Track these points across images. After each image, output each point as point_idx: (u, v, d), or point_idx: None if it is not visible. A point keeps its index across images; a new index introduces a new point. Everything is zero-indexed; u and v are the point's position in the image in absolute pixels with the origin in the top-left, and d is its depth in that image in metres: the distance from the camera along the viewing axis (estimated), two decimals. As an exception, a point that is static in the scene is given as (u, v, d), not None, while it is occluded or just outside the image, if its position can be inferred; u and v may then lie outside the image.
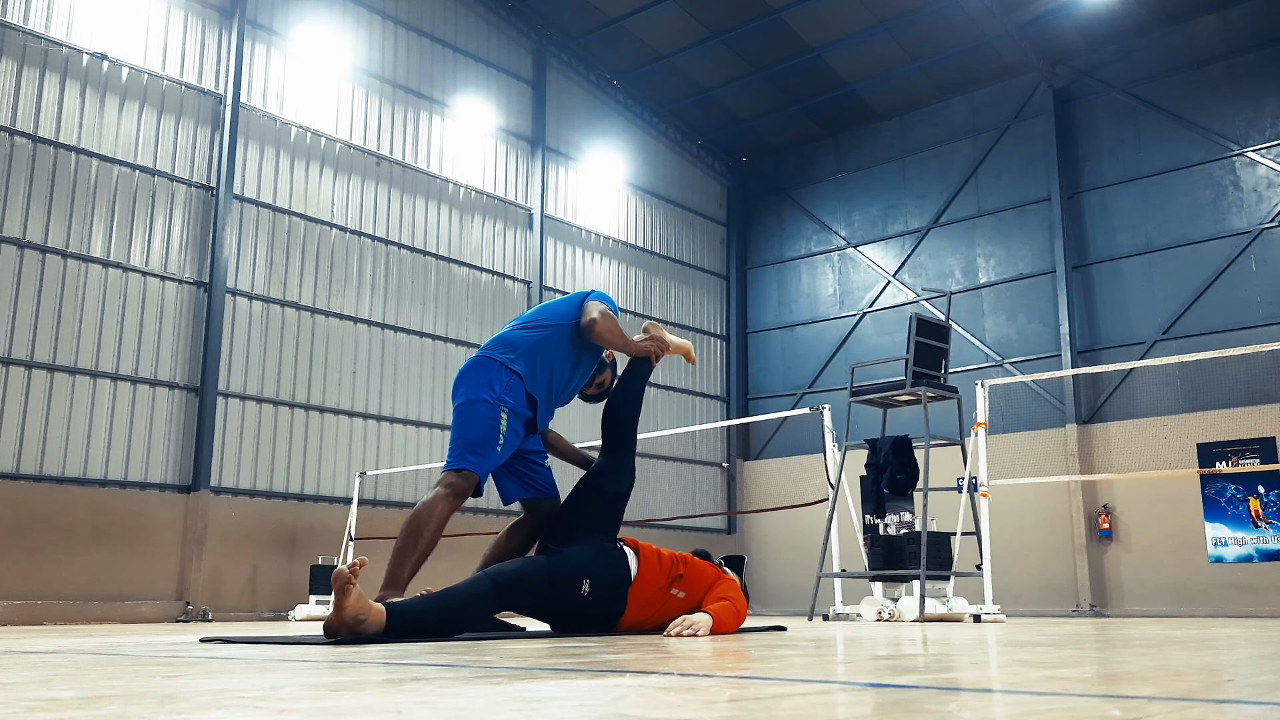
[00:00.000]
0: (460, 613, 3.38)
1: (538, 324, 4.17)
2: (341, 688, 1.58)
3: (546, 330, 4.13)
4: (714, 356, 18.66)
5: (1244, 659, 2.32)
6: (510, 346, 4.07)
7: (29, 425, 10.54)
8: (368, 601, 3.15)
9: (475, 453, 3.89)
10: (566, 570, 3.66)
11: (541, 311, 4.28)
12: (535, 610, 3.76)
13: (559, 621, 3.88)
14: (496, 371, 4.00)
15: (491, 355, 4.06)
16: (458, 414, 3.99)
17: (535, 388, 4.06)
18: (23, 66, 10.99)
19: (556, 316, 4.20)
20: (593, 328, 4.06)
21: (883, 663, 2.18)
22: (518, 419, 3.99)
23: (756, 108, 17.86)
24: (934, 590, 7.40)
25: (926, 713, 1.21)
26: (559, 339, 4.14)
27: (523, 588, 3.53)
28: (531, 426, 4.12)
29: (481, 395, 3.94)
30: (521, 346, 4.07)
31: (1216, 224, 14.20)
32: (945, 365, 8.21)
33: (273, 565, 11.93)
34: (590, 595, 3.68)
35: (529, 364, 4.05)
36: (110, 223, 11.43)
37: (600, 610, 3.77)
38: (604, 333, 4.06)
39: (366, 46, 14.20)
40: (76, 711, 1.24)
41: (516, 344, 4.08)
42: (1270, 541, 13.12)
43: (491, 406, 3.92)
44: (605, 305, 4.17)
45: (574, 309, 4.19)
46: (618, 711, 1.22)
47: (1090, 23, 15.21)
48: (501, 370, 4.00)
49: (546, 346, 4.11)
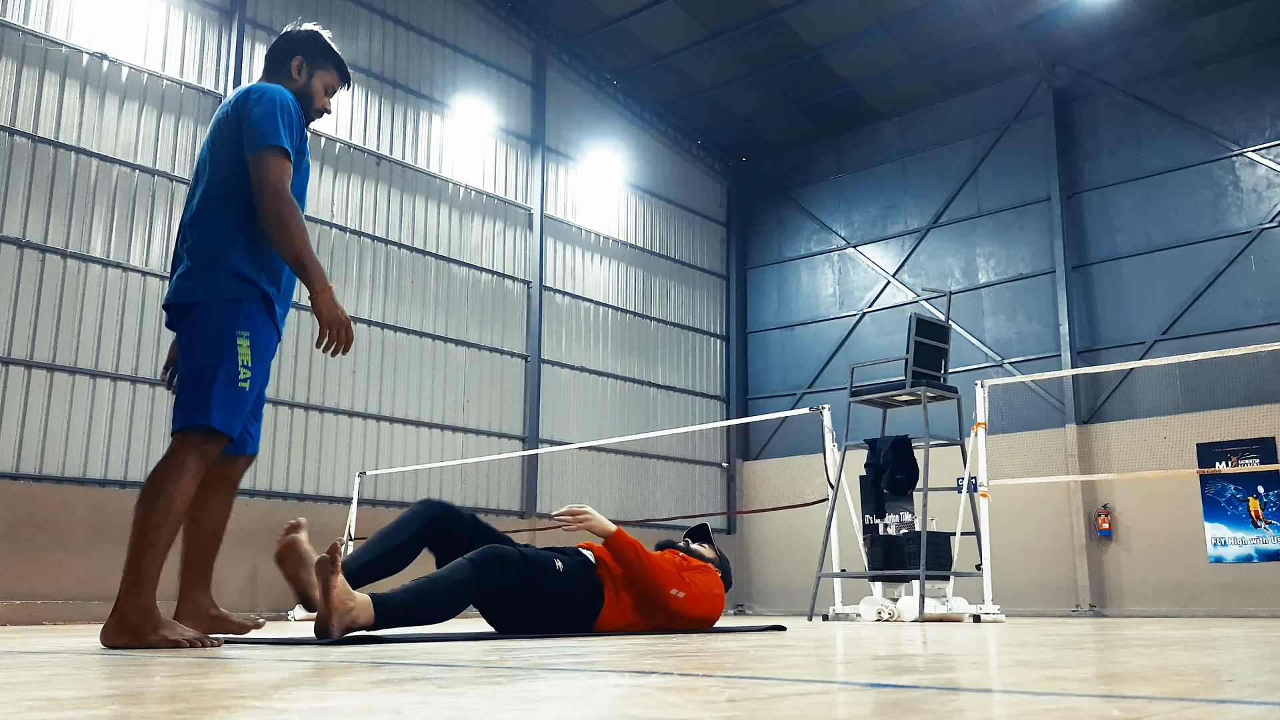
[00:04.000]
0: (445, 596, 3.38)
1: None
2: (341, 688, 1.58)
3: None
4: (714, 356, 18.66)
5: (1244, 659, 2.32)
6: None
7: (29, 425, 10.54)
8: (352, 591, 3.08)
9: None
10: (534, 551, 3.68)
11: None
12: (514, 597, 3.64)
13: (537, 613, 3.71)
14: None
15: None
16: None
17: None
18: (22, 66, 10.98)
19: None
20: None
21: (882, 663, 2.18)
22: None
23: (756, 108, 17.86)
24: (934, 590, 7.40)
25: (926, 713, 1.21)
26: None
27: (502, 564, 3.52)
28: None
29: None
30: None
31: (1216, 224, 14.20)
32: (945, 365, 8.21)
33: (272, 565, 11.86)
34: (565, 573, 3.67)
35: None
36: (110, 223, 11.43)
37: (578, 598, 3.74)
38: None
39: (366, 46, 14.20)
40: (76, 711, 1.24)
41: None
42: (1270, 541, 13.12)
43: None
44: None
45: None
46: (618, 711, 1.22)
47: (1090, 23, 15.21)
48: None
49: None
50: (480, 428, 14.48)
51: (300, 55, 3.42)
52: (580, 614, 3.76)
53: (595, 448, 14.89)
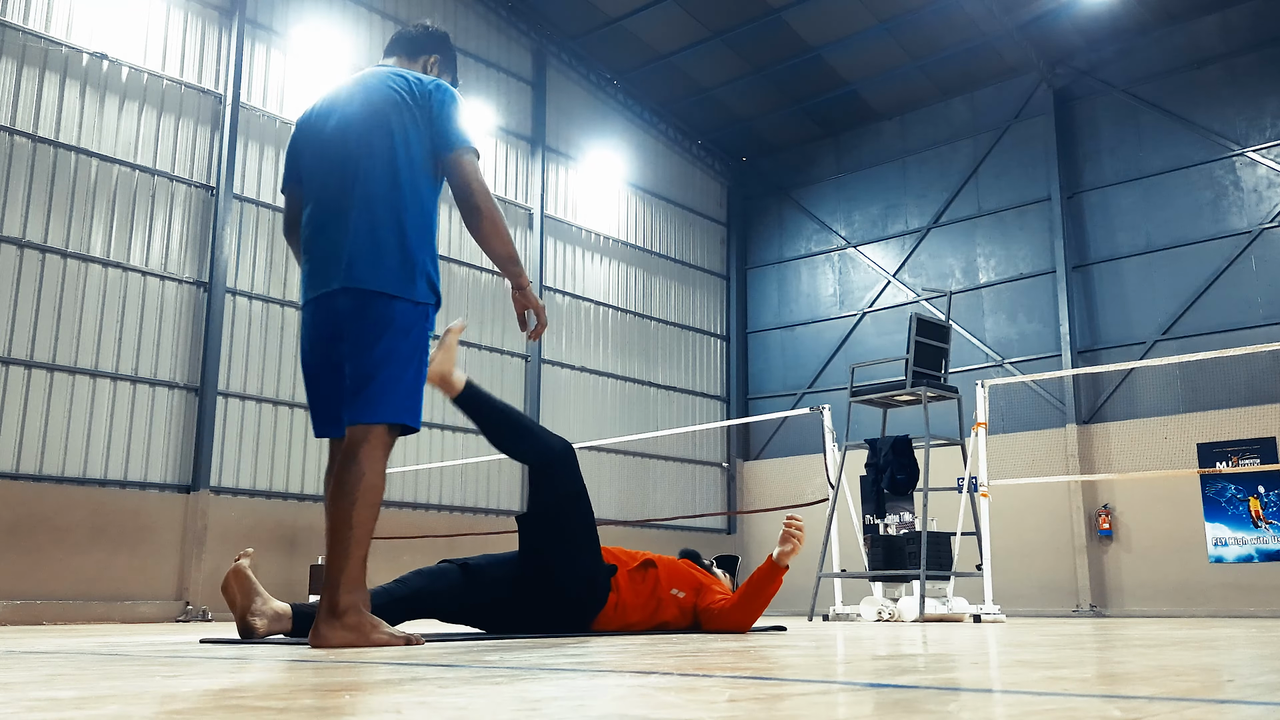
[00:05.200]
0: (430, 596, 3.44)
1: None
2: (341, 688, 1.58)
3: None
4: (714, 356, 18.66)
5: (1244, 659, 2.32)
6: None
7: (29, 425, 10.54)
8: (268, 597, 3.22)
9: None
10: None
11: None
12: (508, 598, 3.65)
13: (534, 610, 3.71)
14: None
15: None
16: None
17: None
18: (22, 66, 10.98)
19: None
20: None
21: (883, 663, 2.18)
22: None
23: (756, 108, 17.86)
24: (934, 590, 7.40)
25: (926, 713, 1.21)
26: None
27: (493, 562, 3.57)
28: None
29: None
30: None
31: (1216, 224, 14.20)
32: (945, 365, 8.21)
33: (272, 565, 11.92)
34: (598, 557, 3.68)
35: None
36: (110, 222, 11.43)
37: (592, 589, 3.73)
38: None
39: (367, 46, 14.20)
40: (76, 711, 1.24)
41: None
42: (1270, 541, 13.12)
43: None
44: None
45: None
46: (618, 711, 1.22)
47: (1090, 23, 15.21)
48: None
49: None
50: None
51: (437, 55, 3.45)
52: (582, 608, 3.75)
53: (595, 448, 14.88)
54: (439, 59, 3.44)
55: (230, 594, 3.23)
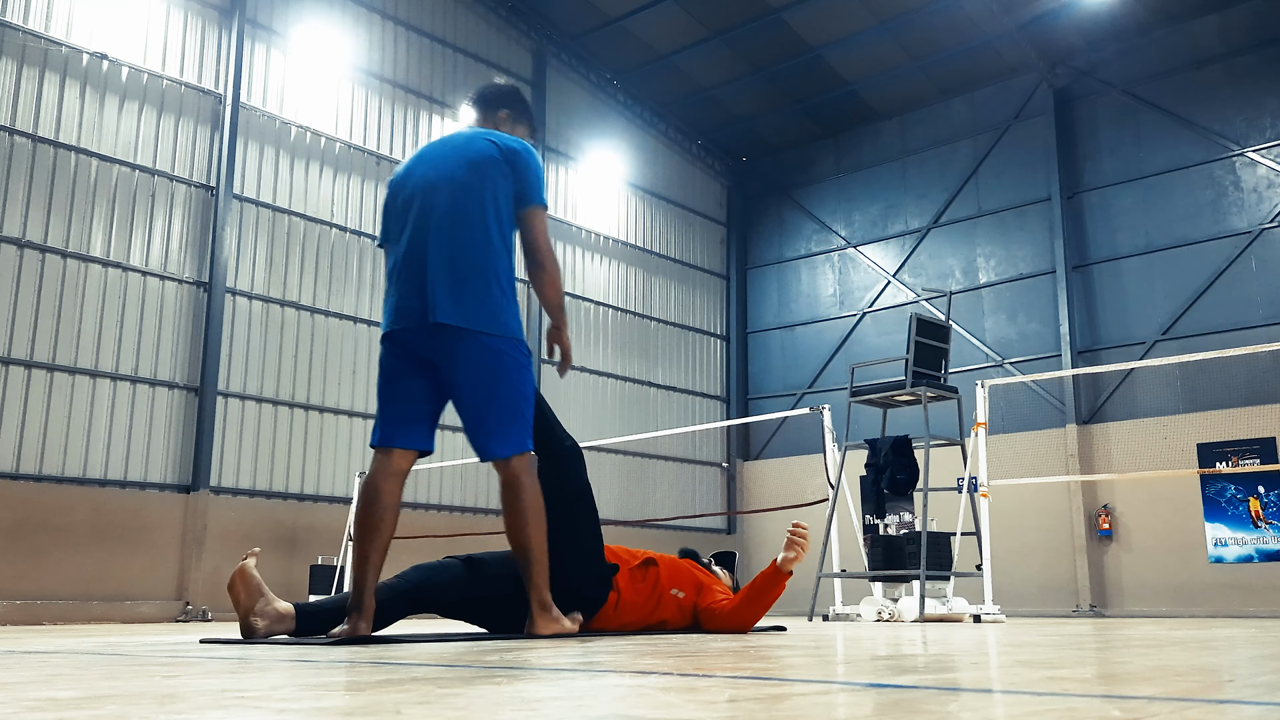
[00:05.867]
0: (431, 589, 3.49)
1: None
2: (341, 688, 1.58)
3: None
4: (714, 356, 18.66)
5: (1244, 659, 2.32)
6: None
7: (29, 425, 10.54)
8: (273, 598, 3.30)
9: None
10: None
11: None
12: (510, 594, 3.65)
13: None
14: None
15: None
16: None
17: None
18: (22, 66, 10.99)
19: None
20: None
21: (883, 663, 2.18)
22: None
23: (756, 108, 17.87)
24: (934, 590, 7.40)
25: (926, 713, 1.21)
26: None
27: (497, 559, 3.59)
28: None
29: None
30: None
31: (1216, 224, 14.20)
32: (945, 365, 8.21)
33: (272, 565, 11.92)
34: (571, 561, 3.66)
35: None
36: (110, 222, 11.43)
37: (585, 590, 3.73)
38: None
39: (366, 46, 14.20)
40: (76, 711, 1.24)
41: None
42: (1270, 542, 13.12)
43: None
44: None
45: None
46: (618, 711, 1.22)
47: (1090, 23, 15.21)
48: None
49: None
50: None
51: (508, 109, 3.78)
52: (584, 606, 3.74)
53: (595, 448, 14.87)
54: (509, 113, 3.78)
55: (236, 594, 3.25)
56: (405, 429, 3.40)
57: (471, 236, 3.37)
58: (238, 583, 3.25)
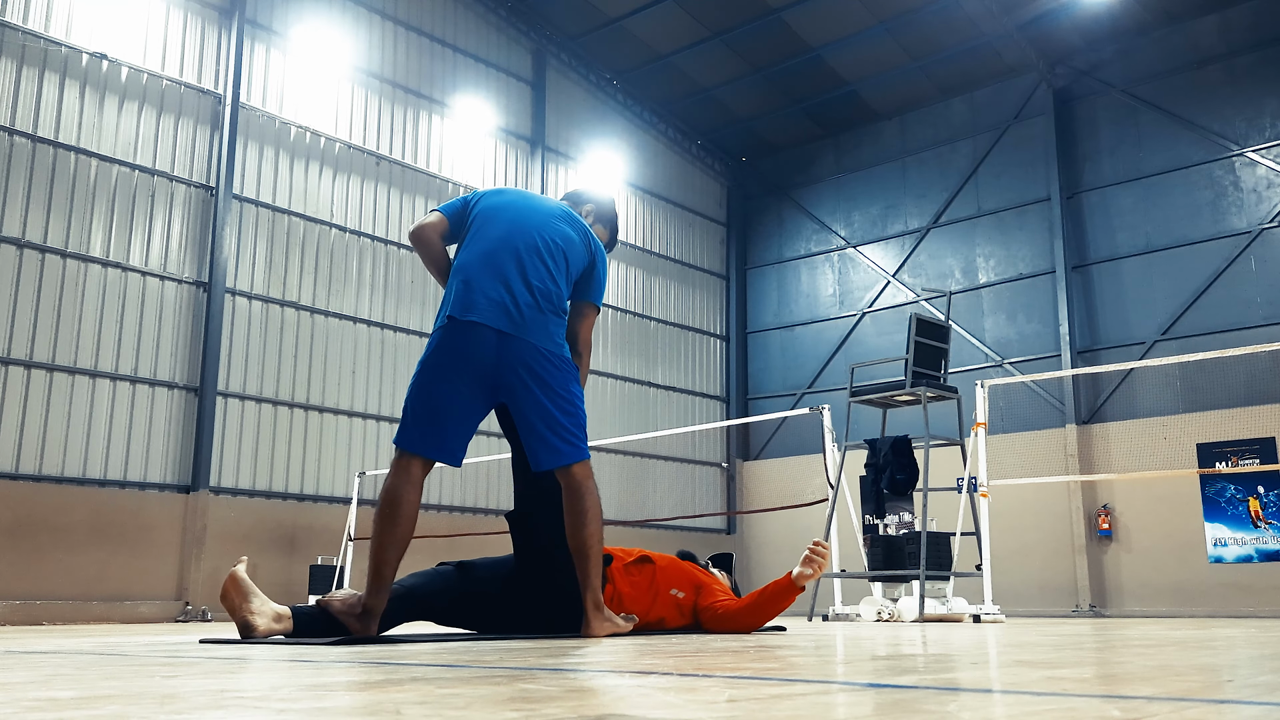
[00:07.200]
0: (424, 595, 3.51)
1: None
2: (341, 688, 1.58)
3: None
4: (714, 356, 18.66)
5: (1244, 659, 2.32)
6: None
7: (28, 425, 10.54)
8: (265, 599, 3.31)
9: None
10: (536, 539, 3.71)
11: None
12: (496, 594, 3.64)
13: (529, 606, 3.70)
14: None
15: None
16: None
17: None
18: (22, 66, 10.99)
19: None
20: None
21: (882, 663, 2.18)
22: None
23: (756, 108, 17.87)
24: (934, 590, 7.40)
25: (926, 713, 1.21)
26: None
27: (489, 563, 3.60)
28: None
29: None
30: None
31: (1216, 224, 14.20)
32: (945, 365, 8.21)
33: (272, 565, 11.93)
34: (566, 565, 3.63)
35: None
36: (110, 222, 11.43)
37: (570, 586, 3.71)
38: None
39: (366, 46, 14.20)
40: (76, 711, 1.24)
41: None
42: (1270, 542, 13.12)
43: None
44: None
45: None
46: (618, 711, 1.22)
47: (1090, 23, 15.21)
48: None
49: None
50: (479, 428, 14.46)
51: (592, 204, 4.17)
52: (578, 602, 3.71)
53: (595, 448, 14.83)
54: (594, 208, 4.16)
55: (229, 600, 3.26)
56: (444, 443, 3.43)
57: (553, 270, 3.57)
58: (230, 589, 3.25)
